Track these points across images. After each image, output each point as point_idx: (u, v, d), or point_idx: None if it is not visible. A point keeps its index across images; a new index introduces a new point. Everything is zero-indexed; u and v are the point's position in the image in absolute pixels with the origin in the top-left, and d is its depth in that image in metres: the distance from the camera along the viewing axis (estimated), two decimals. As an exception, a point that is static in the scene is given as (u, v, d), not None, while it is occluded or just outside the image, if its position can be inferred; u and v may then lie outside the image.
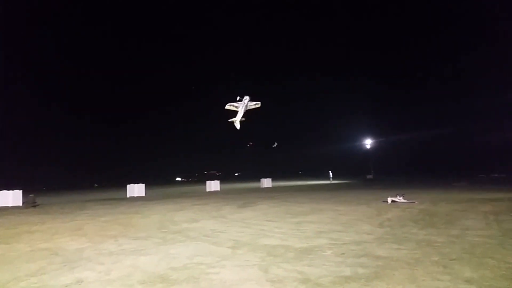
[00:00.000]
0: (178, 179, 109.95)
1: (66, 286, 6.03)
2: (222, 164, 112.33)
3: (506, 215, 12.17)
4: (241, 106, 16.56)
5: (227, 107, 16.64)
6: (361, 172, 68.99)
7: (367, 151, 68.35)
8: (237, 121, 16.03)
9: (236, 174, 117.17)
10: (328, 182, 50.80)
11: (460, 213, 13.00)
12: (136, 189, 32.59)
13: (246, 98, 16.19)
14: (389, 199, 17.46)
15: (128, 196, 31.50)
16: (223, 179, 54.51)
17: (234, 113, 16.82)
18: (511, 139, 60.05)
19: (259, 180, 43.70)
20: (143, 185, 33.50)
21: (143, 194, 32.35)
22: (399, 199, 17.40)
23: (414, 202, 16.97)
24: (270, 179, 43.63)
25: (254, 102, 16.15)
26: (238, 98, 16.36)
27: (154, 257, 7.76)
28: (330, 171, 56.58)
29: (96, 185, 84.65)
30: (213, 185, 37.38)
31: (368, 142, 67.16)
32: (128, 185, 32.92)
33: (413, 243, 8.14)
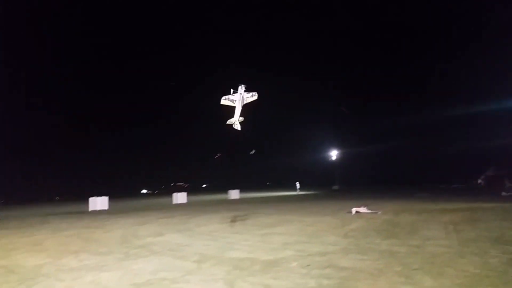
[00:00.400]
0: (144, 191, 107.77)
1: (21, 306, 5.75)
2: (190, 175, 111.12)
3: (464, 225, 12.64)
4: (238, 100, 13.41)
5: (223, 101, 13.36)
6: (327, 183, 70.03)
7: (333, 162, 69.59)
8: (236, 121, 13.19)
9: (204, 185, 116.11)
10: (295, 193, 51.20)
11: (421, 223, 13.40)
12: (99, 202, 31.67)
13: (242, 87, 13.36)
14: (354, 210, 17.78)
15: (90, 209, 30.56)
16: (190, 191, 53.87)
17: (231, 112, 13.97)
18: (471, 150, 62.60)
19: (227, 192, 43.52)
20: (106, 198, 32.61)
21: (106, 207, 31.48)
22: (363, 209, 17.75)
23: (377, 212, 17.35)
24: (237, 191, 43.54)
25: (250, 93, 13.57)
26: (232, 91, 13.63)
27: (116, 273, 7.54)
28: (297, 182, 57.15)
29: (57, 197, 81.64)
30: (180, 197, 36.86)
31: (333, 153, 68.39)
32: (90, 198, 31.96)
33: (376, 253, 8.31)
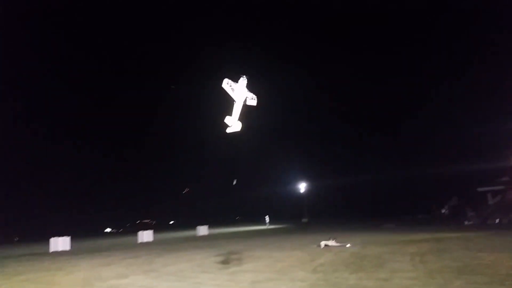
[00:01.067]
0: (108, 230, 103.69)
1: None
2: (156, 212, 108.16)
3: (430, 255, 12.89)
4: (238, 90, 11.02)
5: (224, 84, 10.93)
6: (297, 216, 69.92)
7: (302, 194, 69.89)
8: (235, 119, 10.82)
9: (171, 222, 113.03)
10: (264, 227, 50.79)
11: (388, 255, 13.54)
12: (60, 243, 30.18)
13: (244, 78, 11.00)
14: (322, 243, 17.79)
15: (51, 250, 29.06)
16: (156, 229, 52.31)
17: (229, 106, 11.58)
18: (434, 180, 64.57)
19: (195, 228, 42.61)
20: (68, 238, 31.16)
21: (68, 248, 30.02)
22: (331, 243, 17.79)
23: (345, 245, 17.43)
24: (206, 226, 42.69)
25: (251, 94, 11.25)
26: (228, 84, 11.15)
27: (76, 321, 7.14)
28: (266, 216, 56.82)
29: (16, 238, 77.24)
30: (146, 236, 35.72)
31: (302, 186, 68.79)
32: (51, 239, 30.45)
33: (345, 288, 8.30)
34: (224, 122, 10.99)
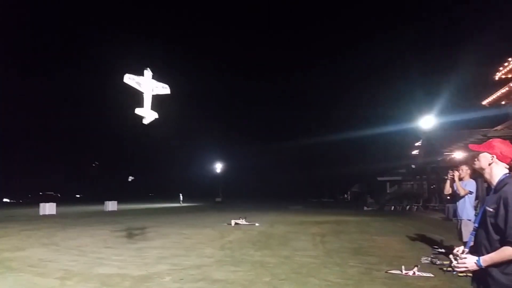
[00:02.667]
0: (6, 200, 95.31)
1: None
2: (61, 184, 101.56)
3: (330, 236, 13.83)
4: (145, 84, 10.55)
5: (126, 79, 10.39)
6: (211, 195, 70.48)
7: (217, 174, 70.43)
8: (146, 111, 10.38)
9: (78, 195, 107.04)
10: (178, 205, 50.42)
11: (293, 234, 14.28)
12: None
13: (148, 71, 10.67)
14: (233, 222, 18.19)
15: None
16: (61, 201, 49.33)
17: (139, 97, 10.78)
18: (340, 173, 68.98)
19: (103, 203, 40.89)
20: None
21: (-45, 219, 27.15)
22: (241, 221, 18.27)
23: (255, 224, 18.02)
24: (115, 202, 41.15)
25: (161, 84, 10.99)
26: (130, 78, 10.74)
27: (-42, 296, 6.55)
28: (180, 194, 56.46)
29: None
30: (48, 208, 33.45)
31: (218, 166, 69.27)
32: None
33: (249, 264, 8.61)
34: (137, 114, 10.40)
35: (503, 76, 21.64)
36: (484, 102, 23.78)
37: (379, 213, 29.47)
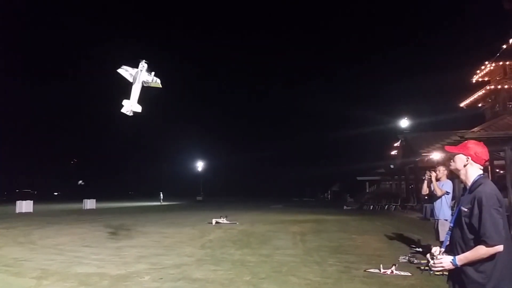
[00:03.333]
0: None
1: None
2: (39, 182, 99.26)
3: (310, 235, 13.95)
4: (137, 75, 10.35)
5: (120, 70, 10.42)
6: (192, 194, 70.13)
7: (199, 173, 70.16)
8: (132, 104, 10.14)
9: (56, 193, 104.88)
10: (158, 203, 49.99)
11: (273, 233, 14.34)
12: None
13: (142, 63, 10.42)
14: (214, 221, 18.14)
15: None
16: (39, 199, 48.28)
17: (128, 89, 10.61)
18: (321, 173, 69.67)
19: (82, 201, 40.21)
20: None
21: None
22: (222, 220, 18.24)
23: (235, 223, 18.01)
24: (94, 200, 40.53)
25: (154, 78, 10.65)
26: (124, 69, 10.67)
27: None
28: (161, 192, 56.03)
29: None
30: (25, 206, 32.68)
31: (199, 164, 69.01)
32: None
33: (229, 263, 8.60)
34: (122, 105, 10.19)
35: (480, 79, 22.20)
36: (462, 104, 24.33)
37: (358, 212, 29.84)
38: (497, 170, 23.93)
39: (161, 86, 10.78)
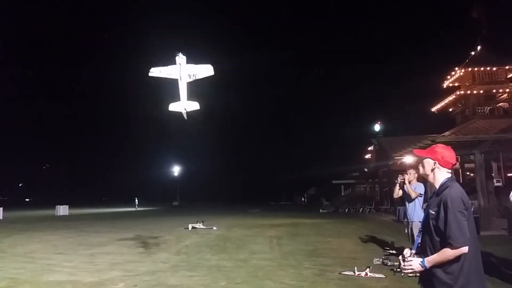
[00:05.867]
0: None
1: None
2: (9, 188, 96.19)
3: (286, 239, 14.02)
4: (177, 71, 8.84)
5: (153, 73, 8.98)
6: (168, 199, 69.36)
7: (175, 178, 69.50)
8: (184, 104, 8.97)
9: (27, 199, 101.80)
10: (133, 209, 49.18)
11: (250, 238, 14.35)
12: None
13: (179, 56, 8.73)
14: (190, 226, 18.00)
15: None
16: (9, 205, 46.74)
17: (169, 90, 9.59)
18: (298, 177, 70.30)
19: (54, 207, 39.18)
20: None
21: None
22: (199, 225, 18.12)
23: (212, 228, 17.92)
24: (67, 206, 39.56)
25: (201, 65, 9.09)
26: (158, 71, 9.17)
27: None
28: (136, 198, 55.14)
29: None
30: (-6, 213, 31.63)
31: (175, 169, 68.38)
32: None
33: (205, 269, 8.56)
34: (172, 111, 9.09)
35: (451, 85, 22.83)
36: (433, 109, 24.95)
37: (334, 215, 30.18)
38: (468, 173, 24.66)
39: (213, 72, 9.13)
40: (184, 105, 8.91)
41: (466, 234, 2.63)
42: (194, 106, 9.12)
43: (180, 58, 8.81)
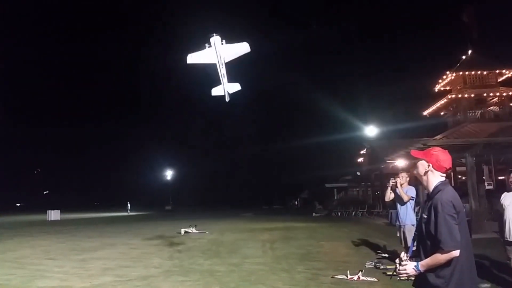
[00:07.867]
0: None
1: None
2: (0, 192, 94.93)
3: (279, 243, 14.00)
4: (213, 54, 8.48)
5: (190, 60, 8.64)
6: (161, 203, 68.99)
7: (167, 182, 69.21)
8: (225, 87, 8.73)
9: (18, 204, 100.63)
10: (125, 214, 48.87)
11: (242, 242, 14.31)
12: None
13: (215, 38, 8.38)
14: (183, 230, 17.90)
15: None
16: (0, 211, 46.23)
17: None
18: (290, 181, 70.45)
19: (45, 212, 38.81)
20: None
21: None
22: (191, 230, 18.03)
23: (205, 232, 17.84)
24: (58, 211, 39.21)
25: (237, 44, 8.69)
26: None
27: None
28: (128, 203, 54.78)
29: None
30: (-17, 218, 31.29)
31: (168, 173, 68.10)
32: None
33: (198, 274, 8.51)
34: (214, 96, 8.91)
35: (442, 88, 23.04)
36: (425, 113, 25.13)
37: (327, 219, 30.21)
38: (460, 176, 24.81)
39: (249, 49, 8.70)
40: (226, 88, 8.69)
41: (456, 238, 2.62)
42: (236, 87, 8.91)
43: (214, 39, 8.40)
